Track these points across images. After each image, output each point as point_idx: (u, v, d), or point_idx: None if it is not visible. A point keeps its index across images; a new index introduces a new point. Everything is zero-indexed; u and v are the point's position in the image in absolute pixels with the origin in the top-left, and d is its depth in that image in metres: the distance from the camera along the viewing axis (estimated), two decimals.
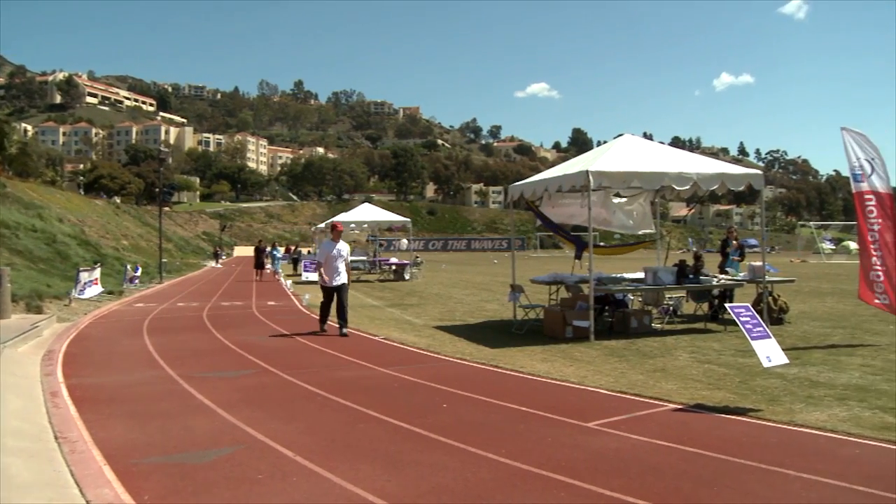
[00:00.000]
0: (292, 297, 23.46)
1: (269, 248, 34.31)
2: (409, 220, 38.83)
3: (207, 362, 10.69)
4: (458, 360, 10.53)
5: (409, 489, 5.01)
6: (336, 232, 14.04)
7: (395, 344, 12.36)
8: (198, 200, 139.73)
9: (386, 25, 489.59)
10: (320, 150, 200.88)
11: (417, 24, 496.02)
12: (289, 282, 30.07)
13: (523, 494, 4.88)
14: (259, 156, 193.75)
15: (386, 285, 29.13)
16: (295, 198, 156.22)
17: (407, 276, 32.50)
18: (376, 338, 13.20)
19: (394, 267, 33.70)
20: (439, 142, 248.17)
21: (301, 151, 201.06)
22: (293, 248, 65.46)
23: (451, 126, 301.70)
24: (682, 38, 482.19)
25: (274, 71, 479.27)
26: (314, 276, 31.65)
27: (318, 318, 15.53)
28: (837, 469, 5.31)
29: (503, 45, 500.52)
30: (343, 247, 13.81)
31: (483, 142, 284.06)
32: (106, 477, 5.31)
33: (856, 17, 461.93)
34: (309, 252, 52.01)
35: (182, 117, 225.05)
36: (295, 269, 40.07)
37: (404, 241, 49.01)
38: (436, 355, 11.09)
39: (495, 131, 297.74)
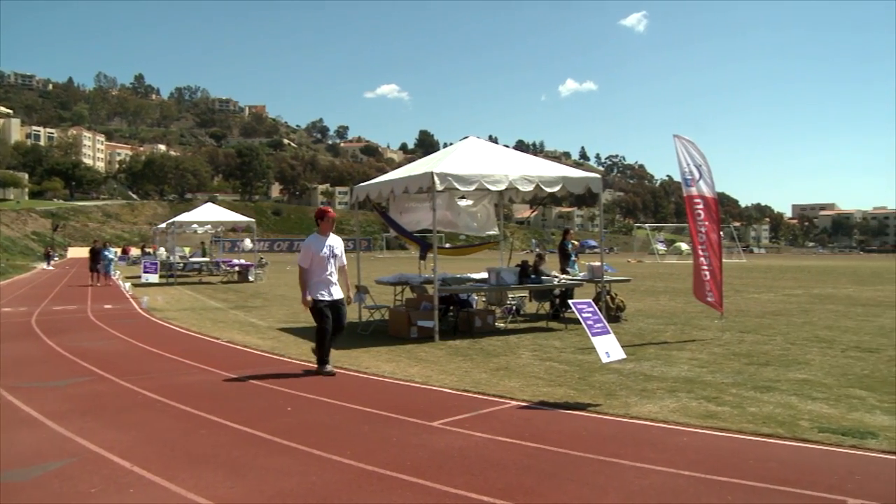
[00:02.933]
0: (131, 299, 22.50)
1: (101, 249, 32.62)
2: (253, 220, 38.03)
3: (35, 371, 10.07)
4: (303, 362, 10.39)
5: (252, 495, 4.89)
6: (327, 221, 9.74)
7: (238, 347, 12.07)
8: (26, 198, 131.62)
9: (232, 20, 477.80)
10: (162, 147, 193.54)
11: (264, 20, 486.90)
12: (127, 284, 28.84)
13: (368, 495, 4.86)
14: (96, 152, 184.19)
15: (230, 287, 28.46)
16: (135, 196, 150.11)
17: (251, 278, 31.88)
18: (219, 341, 12.84)
19: (237, 268, 32.95)
20: (285, 141, 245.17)
21: (142, 148, 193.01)
22: (143, 247, 62.77)
23: (297, 126, 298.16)
24: (531, 45, 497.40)
25: (112, 63, 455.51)
26: (154, 278, 30.65)
27: (177, 328, 14.88)
28: (667, 456, 5.59)
29: (353, 45, 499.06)
30: (336, 242, 9.76)
31: (330, 142, 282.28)
32: None
33: (690, 33, 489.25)
34: (151, 252, 50.07)
35: (7, 108, 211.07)
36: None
37: (248, 241, 48.01)
38: (280, 358, 10.91)
39: (342, 132, 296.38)
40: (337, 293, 9.63)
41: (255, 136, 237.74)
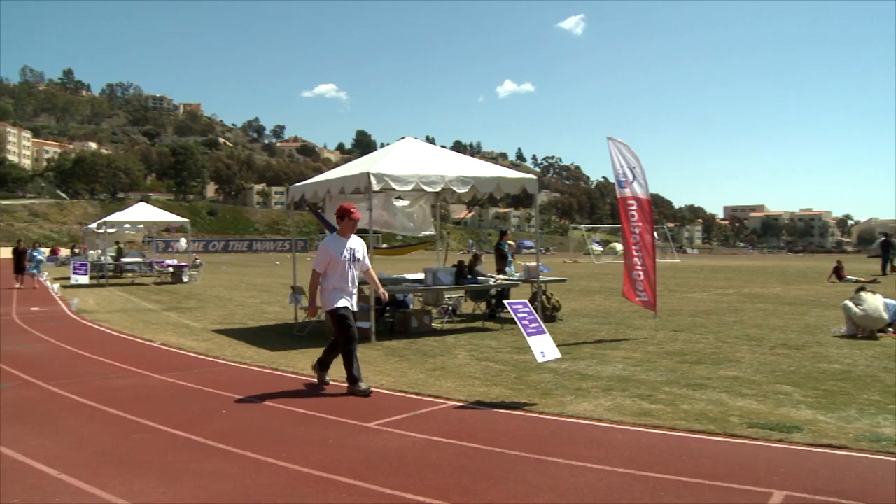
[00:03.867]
0: (60, 301, 21.95)
1: (29, 250, 31.55)
2: (188, 220, 37.46)
3: None
4: (238, 364, 10.27)
5: (185, 500, 4.81)
6: (349, 221, 8.46)
7: (172, 349, 11.87)
8: None
9: (166, 15, 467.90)
10: (93, 144, 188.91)
11: (200, 16, 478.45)
12: (56, 285, 28.11)
13: (304, 497, 4.82)
14: (22, 149, 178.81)
15: (163, 288, 27.96)
16: (64, 195, 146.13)
17: (185, 279, 31.37)
18: (153, 343, 12.61)
19: (171, 269, 32.40)
20: (221, 140, 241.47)
21: (71, 146, 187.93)
22: (73, 248, 61.21)
23: (233, 124, 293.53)
24: (470, 46, 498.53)
25: (39, 57, 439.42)
26: (84, 279, 29.85)
27: (109, 330, 14.50)
28: (602, 454, 5.66)
29: (291, 43, 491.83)
30: (358, 245, 8.56)
31: (266, 141, 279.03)
32: None
33: (626, 36, 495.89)
34: (80, 253, 48.92)
35: None
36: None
37: (183, 241, 47.23)
38: (215, 360, 10.76)
39: (279, 131, 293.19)
40: (355, 304, 8.48)
41: (189, 135, 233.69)
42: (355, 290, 8.48)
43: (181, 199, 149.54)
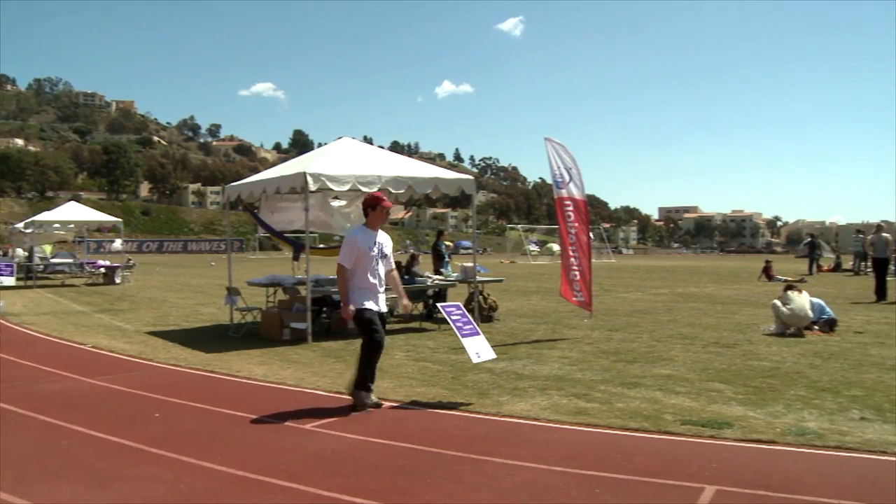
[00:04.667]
0: None
1: None
2: (120, 220, 36.68)
3: None
4: (172, 367, 10.10)
5: None
6: (381, 211, 7.59)
7: (103, 352, 11.60)
8: None
9: (97, 8, 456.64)
10: (19, 141, 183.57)
11: (134, 10, 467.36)
12: None
13: (239, 500, 4.77)
14: None
15: (95, 289, 27.32)
16: None
17: (118, 280, 30.72)
18: (83, 346, 12.31)
19: (103, 270, 31.70)
20: (155, 139, 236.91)
21: None
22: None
23: (168, 123, 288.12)
24: (408, 46, 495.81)
25: None
26: (10, 281, 28.92)
27: (36, 333, 14.11)
28: (538, 453, 5.70)
29: (228, 40, 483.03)
30: (386, 240, 7.72)
31: (202, 140, 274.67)
32: None
33: (565, 39, 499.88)
34: (5, 253, 47.57)
35: None
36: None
37: (118, 242, 46.22)
38: (148, 362, 10.56)
39: (215, 130, 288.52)
40: (384, 304, 7.70)
41: (122, 133, 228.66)
42: (383, 289, 7.62)
43: (114, 199, 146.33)
